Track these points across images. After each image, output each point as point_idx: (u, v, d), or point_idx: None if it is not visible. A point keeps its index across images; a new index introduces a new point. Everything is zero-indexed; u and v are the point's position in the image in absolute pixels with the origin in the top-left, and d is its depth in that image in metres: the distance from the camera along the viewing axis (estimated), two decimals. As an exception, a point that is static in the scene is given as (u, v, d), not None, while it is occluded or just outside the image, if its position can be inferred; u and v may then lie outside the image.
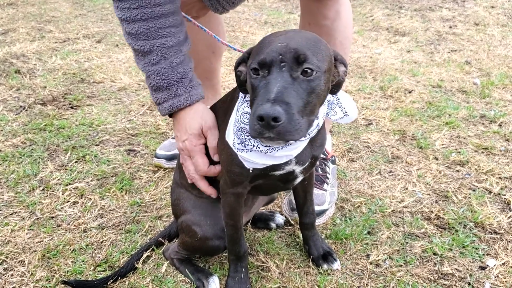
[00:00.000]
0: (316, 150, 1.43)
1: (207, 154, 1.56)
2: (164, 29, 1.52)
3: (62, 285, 1.61)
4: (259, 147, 1.30)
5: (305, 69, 1.11)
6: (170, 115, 1.61)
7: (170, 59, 1.54)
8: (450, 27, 4.61)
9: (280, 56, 1.13)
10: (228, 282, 1.58)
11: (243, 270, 1.59)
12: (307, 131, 1.15)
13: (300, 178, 1.48)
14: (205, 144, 1.56)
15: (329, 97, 1.38)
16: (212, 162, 1.55)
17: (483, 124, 2.72)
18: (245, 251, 1.57)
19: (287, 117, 1.07)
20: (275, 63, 1.14)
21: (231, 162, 1.38)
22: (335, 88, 1.30)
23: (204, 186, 1.58)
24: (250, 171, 1.36)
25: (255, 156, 1.32)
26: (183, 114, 1.57)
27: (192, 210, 1.61)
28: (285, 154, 1.33)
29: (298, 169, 1.41)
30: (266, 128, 1.09)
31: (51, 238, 1.85)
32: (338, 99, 1.39)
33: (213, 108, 1.63)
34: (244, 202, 1.53)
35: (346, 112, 1.39)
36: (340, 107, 1.39)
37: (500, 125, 2.69)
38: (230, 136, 1.37)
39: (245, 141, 1.32)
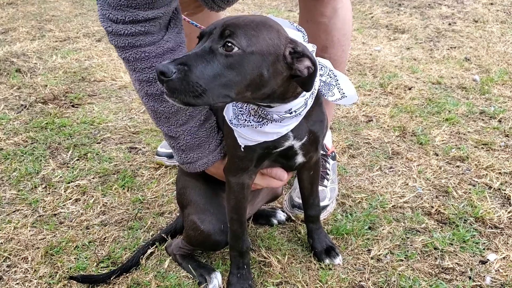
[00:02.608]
0: (313, 125, 1.43)
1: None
2: None
3: (66, 281, 1.63)
4: (250, 122, 1.32)
5: (226, 43, 1.12)
6: None
7: (197, 116, 1.50)
8: (450, 24, 4.62)
9: (215, 29, 1.16)
10: (230, 279, 1.58)
11: (245, 266, 1.59)
12: (212, 100, 1.14)
13: (300, 157, 1.48)
14: None
15: (328, 78, 1.39)
16: None
17: (482, 120, 2.73)
18: (247, 247, 1.57)
19: (180, 76, 1.09)
20: (207, 34, 1.17)
21: (237, 145, 1.39)
22: (303, 84, 1.23)
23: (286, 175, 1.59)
24: (242, 148, 1.38)
25: (248, 132, 1.34)
26: (215, 167, 1.57)
27: (197, 198, 1.61)
28: (275, 131, 1.33)
29: (296, 144, 1.42)
30: (161, 82, 1.12)
31: (54, 235, 1.86)
32: (337, 80, 1.39)
33: None
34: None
35: (343, 94, 1.39)
36: (338, 88, 1.39)
37: (499, 121, 2.70)
38: (229, 112, 1.38)
39: (238, 115, 1.34)
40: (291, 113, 1.30)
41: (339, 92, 1.39)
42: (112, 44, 1.40)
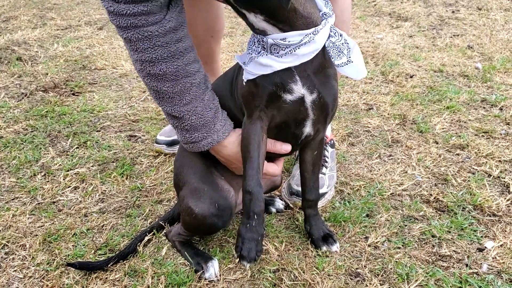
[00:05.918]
0: (322, 86, 1.43)
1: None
2: (190, 65, 1.47)
3: (63, 268, 1.63)
4: (253, 53, 1.38)
5: None
6: None
7: (201, 96, 1.50)
8: (453, 11, 4.58)
9: None
10: (240, 229, 1.51)
11: (255, 217, 1.49)
12: None
13: (309, 126, 1.50)
14: None
15: (340, 44, 1.40)
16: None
17: (484, 108, 2.71)
18: (260, 186, 1.50)
19: None
20: None
21: (250, 84, 1.44)
22: None
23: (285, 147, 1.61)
24: (244, 82, 1.42)
25: (251, 66, 1.39)
26: (219, 146, 1.58)
27: (192, 177, 1.61)
28: (269, 64, 1.35)
29: (308, 98, 1.43)
30: None
31: (52, 223, 1.87)
32: (349, 50, 1.39)
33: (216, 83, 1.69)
34: None
35: (350, 58, 1.39)
36: (347, 56, 1.39)
37: (501, 109, 2.68)
38: (243, 56, 1.45)
39: (248, 48, 1.43)
40: (284, 41, 1.32)
41: (346, 56, 1.39)
42: (114, 24, 1.39)
